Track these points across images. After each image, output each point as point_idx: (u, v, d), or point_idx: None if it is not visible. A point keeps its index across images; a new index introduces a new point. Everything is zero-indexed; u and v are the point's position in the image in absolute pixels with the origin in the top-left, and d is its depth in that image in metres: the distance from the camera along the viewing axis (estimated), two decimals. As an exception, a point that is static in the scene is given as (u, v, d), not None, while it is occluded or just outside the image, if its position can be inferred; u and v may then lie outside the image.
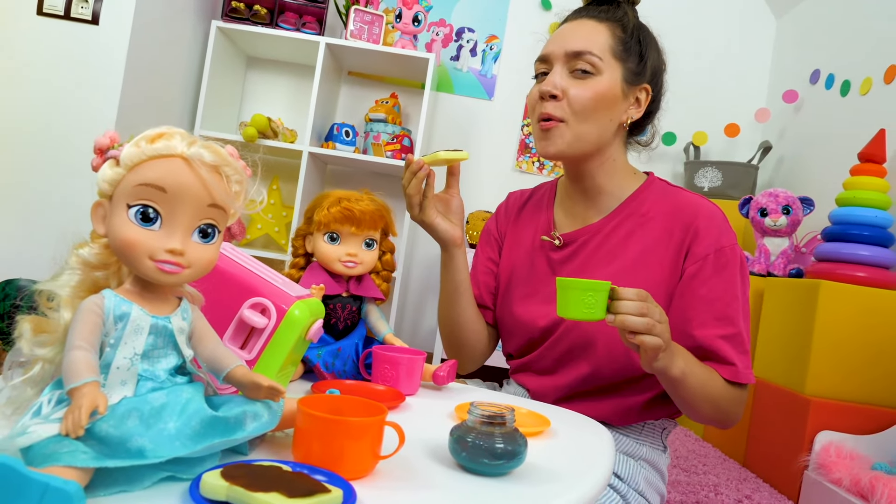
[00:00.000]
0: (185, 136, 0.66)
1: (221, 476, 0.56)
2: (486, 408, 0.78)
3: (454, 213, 1.41)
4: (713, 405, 1.22)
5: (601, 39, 1.32)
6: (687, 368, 1.16)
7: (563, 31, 1.36)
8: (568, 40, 1.32)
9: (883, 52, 3.03)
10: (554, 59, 1.33)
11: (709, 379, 1.21)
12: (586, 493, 0.75)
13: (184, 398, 0.62)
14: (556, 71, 1.32)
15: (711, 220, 1.30)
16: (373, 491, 0.65)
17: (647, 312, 1.03)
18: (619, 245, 1.35)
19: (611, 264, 1.34)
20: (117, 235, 0.63)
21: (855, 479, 2.03)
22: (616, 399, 1.33)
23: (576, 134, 1.31)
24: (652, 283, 1.29)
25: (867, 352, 2.33)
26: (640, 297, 1.04)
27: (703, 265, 1.27)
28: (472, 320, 1.47)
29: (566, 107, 1.30)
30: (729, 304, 1.25)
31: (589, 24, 1.34)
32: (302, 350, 0.94)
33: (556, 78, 1.31)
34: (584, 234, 1.39)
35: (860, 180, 2.62)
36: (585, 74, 1.30)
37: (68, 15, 2.81)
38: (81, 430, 0.54)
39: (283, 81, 3.98)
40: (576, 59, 1.30)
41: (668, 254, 1.30)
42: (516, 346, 1.46)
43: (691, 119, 3.92)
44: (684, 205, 1.33)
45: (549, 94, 1.30)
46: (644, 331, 1.03)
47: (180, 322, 0.68)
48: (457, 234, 1.40)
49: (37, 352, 0.65)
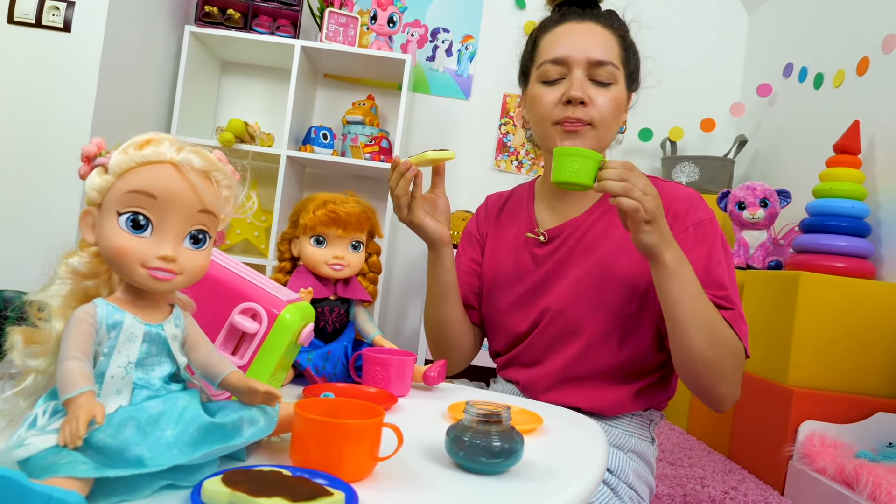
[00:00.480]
0: (173, 142, 0.65)
1: (223, 482, 0.55)
2: (481, 406, 0.79)
3: (441, 213, 1.42)
4: (708, 331, 1.18)
5: (615, 48, 1.35)
6: (681, 263, 1.17)
7: (577, 34, 1.36)
8: (589, 47, 1.33)
9: (855, 44, 3.07)
10: (574, 65, 1.33)
11: (704, 299, 1.20)
12: (584, 487, 0.76)
13: (180, 405, 0.62)
14: (577, 76, 1.32)
15: (688, 200, 1.33)
16: (373, 493, 0.65)
17: (628, 178, 1.11)
18: (601, 234, 1.37)
19: (594, 253, 1.36)
20: (108, 243, 0.63)
21: (839, 467, 2.05)
22: (605, 388, 1.34)
23: (599, 139, 1.34)
24: (635, 267, 1.31)
25: (848, 341, 2.36)
26: (624, 166, 1.12)
27: (684, 239, 1.28)
28: (459, 320, 1.48)
29: (593, 112, 1.32)
30: (714, 270, 1.26)
31: (599, 30, 1.36)
32: (293, 354, 0.94)
33: (582, 82, 1.32)
34: (568, 228, 1.41)
35: (836, 172, 2.66)
36: (603, 84, 1.33)
37: (39, 23, 2.77)
38: (80, 441, 0.54)
39: (258, 85, 3.95)
40: (597, 68, 1.32)
41: None
42: (504, 342, 1.47)
43: (667, 115, 3.95)
44: (660, 189, 1.34)
45: (580, 101, 1.31)
46: (622, 193, 1.10)
47: (173, 329, 0.67)
48: (445, 233, 1.40)
49: (29, 363, 0.64)
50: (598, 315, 1.32)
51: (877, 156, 2.79)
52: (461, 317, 1.48)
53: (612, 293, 1.32)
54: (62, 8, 2.78)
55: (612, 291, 1.32)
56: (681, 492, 2.14)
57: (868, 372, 2.36)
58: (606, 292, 1.32)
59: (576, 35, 1.36)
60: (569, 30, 1.37)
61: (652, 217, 1.12)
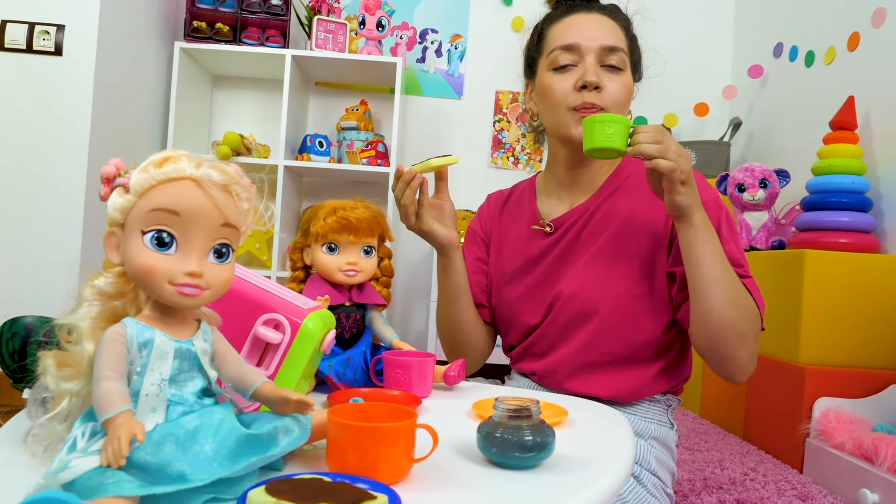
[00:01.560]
0: (191, 158, 0.66)
1: (267, 492, 0.56)
2: (511, 402, 0.79)
3: (448, 217, 1.43)
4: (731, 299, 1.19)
5: (622, 37, 1.39)
6: (708, 227, 1.19)
7: (588, 22, 1.38)
8: (600, 34, 1.36)
9: (844, 20, 3.08)
10: (586, 52, 1.35)
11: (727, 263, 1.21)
12: (617, 476, 0.76)
13: (216, 419, 0.62)
14: (590, 62, 1.34)
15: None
16: (413, 493, 0.65)
17: (662, 139, 1.13)
18: (605, 218, 1.38)
19: (600, 236, 1.37)
20: (134, 263, 0.63)
21: (857, 442, 2.05)
22: (621, 372, 1.34)
23: None
24: (641, 248, 1.32)
25: (857, 316, 2.37)
26: (657, 130, 1.14)
27: None
28: (472, 321, 1.49)
29: (607, 97, 1.33)
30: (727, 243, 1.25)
31: (607, 20, 1.39)
32: (317, 362, 0.94)
33: (596, 67, 1.34)
34: (574, 216, 1.42)
35: (834, 148, 2.67)
36: (615, 70, 1.35)
37: (31, 48, 2.78)
38: (123, 460, 0.54)
39: (251, 97, 3.96)
40: (609, 54, 1.34)
41: (653, 217, 1.34)
42: (517, 335, 1.47)
43: (660, 101, 3.97)
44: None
45: (595, 85, 1.32)
46: (657, 154, 1.12)
47: (203, 344, 0.68)
48: (454, 237, 1.42)
49: (63, 386, 0.64)
50: (609, 297, 1.32)
51: (874, 130, 2.80)
52: (474, 317, 1.49)
53: (622, 274, 1.33)
54: (52, 32, 2.78)
55: (622, 272, 1.33)
56: (700, 476, 2.14)
57: (879, 346, 2.37)
58: (615, 274, 1.33)
59: (586, 24, 1.38)
60: (579, 19, 1.39)
61: (687, 178, 1.14)
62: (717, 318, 1.19)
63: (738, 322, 1.20)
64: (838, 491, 2.06)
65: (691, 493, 1.99)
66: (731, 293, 1.19)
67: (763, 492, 2.02)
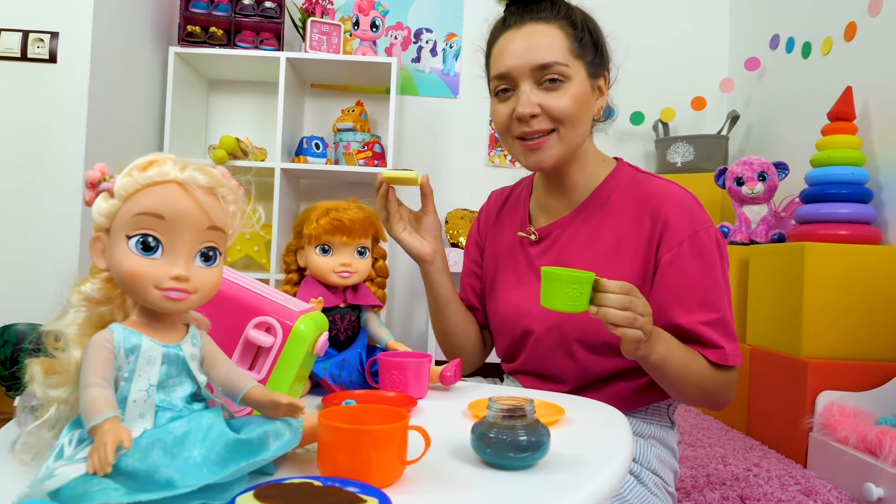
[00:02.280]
0: (176, 161, 0.65)
1: (255, 498, 0.55)
2: (505, 401, 0.78)
3: (426, 230, 1.41)
4: (698, 387, 1.23)
5: (559, 43, 1.28)
6: (668, 353, 1.16)
7: (516, 43, 1.30)
8: (529, 53, 1.27)
9: (840, 10, 3.06)
10: (519, 76, 1.28)
11: (692, 361, 1.21)
12: (614, 475, 0.76)
13: (205, 424, 0.61)
14: (524, 89, 1.28)
15: (682, 206, 1.29)
16: (405, 496, 0.65)
17: (630, 306, 1.05)
18: (591, 237, 1.34)
19: (585, 257, 1.33)
20: (120, 267, 0.62)
21: (861, 435, 2.04)
22: (613, 388, 1.33)
23: (566, 141, 1.30)
24: (626, 275, 1.28)
25: (858, 308, 2.35)
26: (624, 290, 1.05)
27: (679, 252, 1.25)
28: (461, 327, 1.49)
29: (547, 121, 1.28)
30: (710, 289, 1.25)
31: (539, 28, 1.29)
32: (310, 365, 0.94)
33: (528, 96, 1.27)
34: (557, 228, 1.39)
35: (833, 139, 2.65)
36: (555, 83, 1.27)
37: (25, 56, 2.77)
38: (109, 467, 0.53)
39: (246, 100, 3.95)
40: (543, 72, 1.27)
41: (640, 244, 1.29)
42: (504, 346, 1.47)
43: (657, 96, 3.95)
44: (653, 192, 1.32)
45: (530, 115, 1.27)
46: (626, 324, 1.04)
47: (191, 348, 0.67)
48: (425, 250, 1.40)
49: (50, 393, 0.64)
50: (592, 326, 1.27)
51: (872, 120, 2.78)
52: (464, 323, 1.49)
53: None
54: (46, 40, 2.77)
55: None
56: (703, 472, 2.13)
57: (882, 338, 2.35)
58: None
59: (516, 43, 1.30)
60: (510, 38, 1.31)
61: (648, 336, 1.09)
62: (682, 398, 1.28)
63: (705, 396, 1.27)
64: (843, 485, 2.05)
65: (694, 489, 1.98)
66: (699, 389, 1.24)
67: (767, 487, 2.01)
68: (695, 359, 1.22)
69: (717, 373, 1.25)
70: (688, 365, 1.20)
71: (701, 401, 1.27)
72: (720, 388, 1.26)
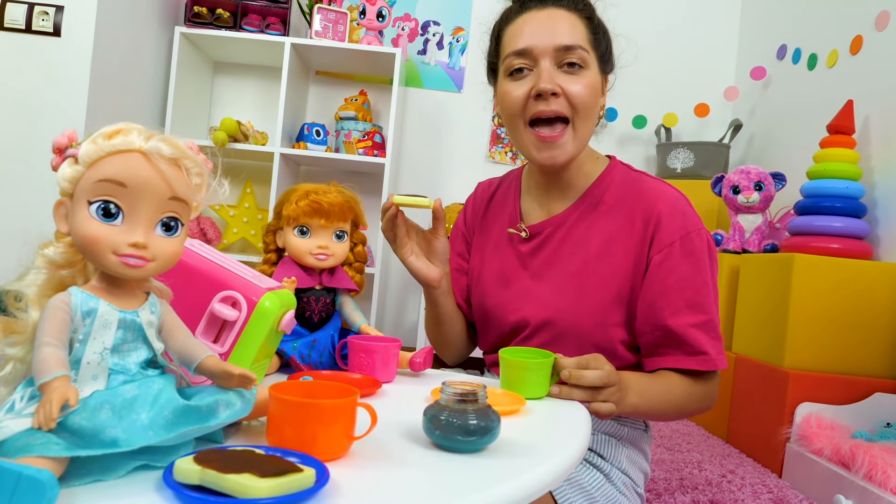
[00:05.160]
0: (142, 132, 0.67)
1: (194, 461, 0.56)
2: (458, 386, 0.80)
3: (436, 255, 1.38)
4: (678, 411, 1.27)
5: (581, 31, 1.27)
6: (639, 400, 1.18)
7: (538, 22, 1.27)
8: (553, 33, 1.25)
9: (848, 23, 3.06)
10: (540, 55, 1.25)
11: (668, 391, 1.24)
12: (560, 464, 0.76)
13: (155, 389, 0.63)
14: (545, 66, 1.24)
15: (674, 206, 1.29)
16: (346, 470, 0.66)
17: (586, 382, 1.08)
18: (583, 236, 1.34)
19: (575, 256, 1.33)
20: (80, 232, 0.64)
21: (836, 448, 2.05)
22: None
23: (579, 134, 1.28)
24: (617, 275, 1.29)
25: (843, 322, 2.36)
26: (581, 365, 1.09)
27: (670, 252, 1.26)
28: (456, 332, 1.49)
29: (566, 104, 1.25)
30: (699, 291, 1.26)
31: (562, 14, 1.28)
32: (275, 342, 0.95)
33: (550, 73, 1.24)
34: (549, 226, 1.38)
35: (830, 152, 2.65)
36: (575, 68, 1.25)
37: (30, 28, 2.78)
38: (53, 423, 0.55)
39: (250, 84, 3.97)
40: (566, 53, 1.24)
41: (631, 243, 1.29)
42: (489, 342, 1.46)
43: (660, 101, 3.95)
44: (645, 192, 1.32)
45: (551, 92, 1.23)
46: (589, 399, 1.08)
47: (149, 316, 0.68)
48: (432, 275, 1.36)
49: (7, 352, 0.65)
50: (582, 327, 1.29)
51: (872, 135, 2.78)
52: (459, 330, 1.49)
53: (596, 302, 1.29)
54: (51, 13, 2.79)
55: (596, 300, 1.29)
56: (677, 476, 2.15)
57: (865, 353, 2.36)
58: (590, 301, 1.29)
59: (538, 23, 1.27)
60: (530, 18, 1.29)
61: (620, 402, 1.12)
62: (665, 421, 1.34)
63: (686, 415, 1.31)
64: (814, 496, 2.07)
65: (665, 492, 1.99)
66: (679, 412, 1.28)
67: (738, 494, 2.02)
68: (670, 387, 1.24)
69: (697, 386, 1.26)
70: (665, 399, 1.23)
71: (683, 417, 1.32)
72: (700, 401, 1.28)
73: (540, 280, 1.36)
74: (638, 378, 1.21)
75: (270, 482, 0.54)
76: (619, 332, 1.29)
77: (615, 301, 1.29)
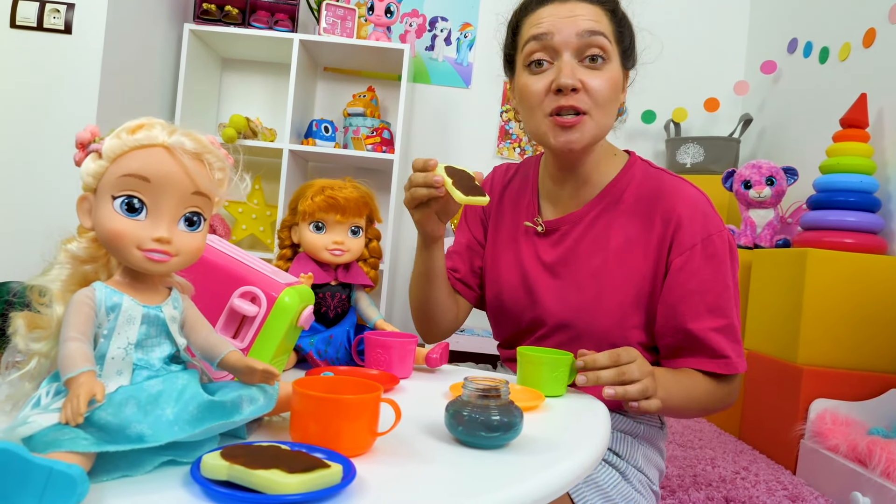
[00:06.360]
0: (165, 126, 0.66)
1: (221, 456, 0.56)
2: (480, 381, 0.79)
3: (448, 214, 1.28)
4: (700, 409, 1.26)
5: (604, 22, 1.25)
6: (665, 395, 1.13)
7: (561, 11, 1.24)
8: (575, 22, 1.22)
9: (860, 15, 3.03)
10: (562, 47, 1.22)
11: (692, 388, 1.23)
12: (583, 461, 0.76)
13: (180, 384, 0.63)
14: (566, 59, 1.22)
15: (695, 208, 1.27)
16: (371, 466, 0.66)
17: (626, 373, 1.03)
18: (601, 235, 1.32)
19: (595, 256, 1.31)
20: (104, 227, 0.63)
21: (852, 444, 2.04)
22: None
23: (599, 126, 1.25)
24: (636, 277, 1.27)
25: (857, 318, 2.35)
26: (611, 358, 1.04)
27: (691, 256, 1.24)
28: (443, 300, 1.43)
29: (587, 99, 1.22)
30: (720, 295, 1.24)
31: (584, 6, 1.25)
32: (294, 337, 0.95)
33: (572, 68, 1.21)
34: (567, 223, 1.36)
35: (843, 146, 2.63)
36: (597, 62, 1.22)
37: (41, 26, 2.79)
38: (81, 418, 0.55)
39: (259, 81, 3.97)
40: (588, 45, 1.21)
41: (651, 245, 1.28)
42: (504, 334, 1.45)
43: (670, 96, 3.93)
44: (665, 191, 1.29)
45: (571, 88, 1.20)
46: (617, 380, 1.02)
47: (172, 311, 0.68)
48: (439, 232, 1.31)
49: (32, 347, 0.65)
50: (600, 327, 1.28)
51: (886, 128, 2.75)
52: (446, 298, 1.43)
53: (614, 304, 1.28)
54: (62, 10, 2.79)
55: (615, 301, 1.28)
56: (691, 472, 2.14)
57: (880, 349, 2.35)
58: (608, 303, 1.28)
59: (560, 11, 1.24)
60: (552, 9, 1.25)
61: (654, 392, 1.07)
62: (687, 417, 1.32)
63: (707, 412, 1.31)
64: (830, 493, 2.06)
65: (679, 488, 1.99)
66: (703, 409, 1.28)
67: (753, 490, 2.01)
68: (694, 385, 1.23)
69: (719, 386, 1.26)
70: (688, 396, 1.21)
71: (704, 415, 1.32)
72: (722, 400, 1.28)
73: (558, 277, 1.34)
74: (663, 374, 1.19)
75: (299, 478, 0.54)
76: (637, 333, 1.28)
77: (634, 303, 1.27)
